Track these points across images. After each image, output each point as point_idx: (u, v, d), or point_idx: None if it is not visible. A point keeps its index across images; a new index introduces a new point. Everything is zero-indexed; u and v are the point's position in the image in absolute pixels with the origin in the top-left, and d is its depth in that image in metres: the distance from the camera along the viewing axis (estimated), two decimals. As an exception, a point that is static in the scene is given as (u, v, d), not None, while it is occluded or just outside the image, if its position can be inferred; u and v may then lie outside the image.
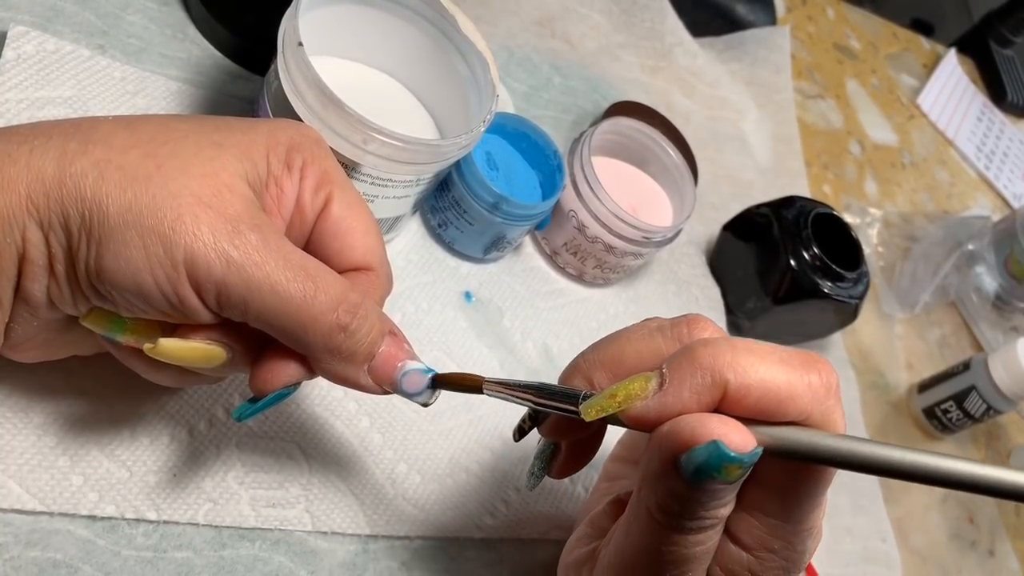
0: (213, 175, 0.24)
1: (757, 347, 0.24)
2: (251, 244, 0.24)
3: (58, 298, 0.24)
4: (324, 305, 0.25)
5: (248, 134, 0.26)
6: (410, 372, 0.28)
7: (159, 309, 0.24)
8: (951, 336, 0.77)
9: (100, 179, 0.23)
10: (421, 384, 0.28)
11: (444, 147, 0.36)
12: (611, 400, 0.24)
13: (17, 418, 0.30)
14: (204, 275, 0.23)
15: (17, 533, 0.29)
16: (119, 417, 0.32)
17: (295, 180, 0.28)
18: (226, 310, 0.25)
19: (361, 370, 0.27)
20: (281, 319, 0.25)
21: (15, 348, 0.27)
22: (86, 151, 0.23)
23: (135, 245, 0.23)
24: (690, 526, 0.24)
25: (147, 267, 0.23)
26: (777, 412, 0.23)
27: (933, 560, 0.60)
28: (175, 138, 0.25)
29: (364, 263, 0.29)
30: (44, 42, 0.37)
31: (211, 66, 0.43)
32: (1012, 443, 0.74)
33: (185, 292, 0.24)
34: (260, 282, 0.24)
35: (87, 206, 0.23)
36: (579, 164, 0.47)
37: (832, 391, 0.24)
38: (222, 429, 0.34)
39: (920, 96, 0.97)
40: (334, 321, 0.25)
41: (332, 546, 0.35)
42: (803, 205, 0.55)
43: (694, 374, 0.23)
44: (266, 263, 0.24)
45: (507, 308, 0.47)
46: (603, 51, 0.65)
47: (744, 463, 0.22)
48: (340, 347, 0.26)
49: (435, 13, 0.40)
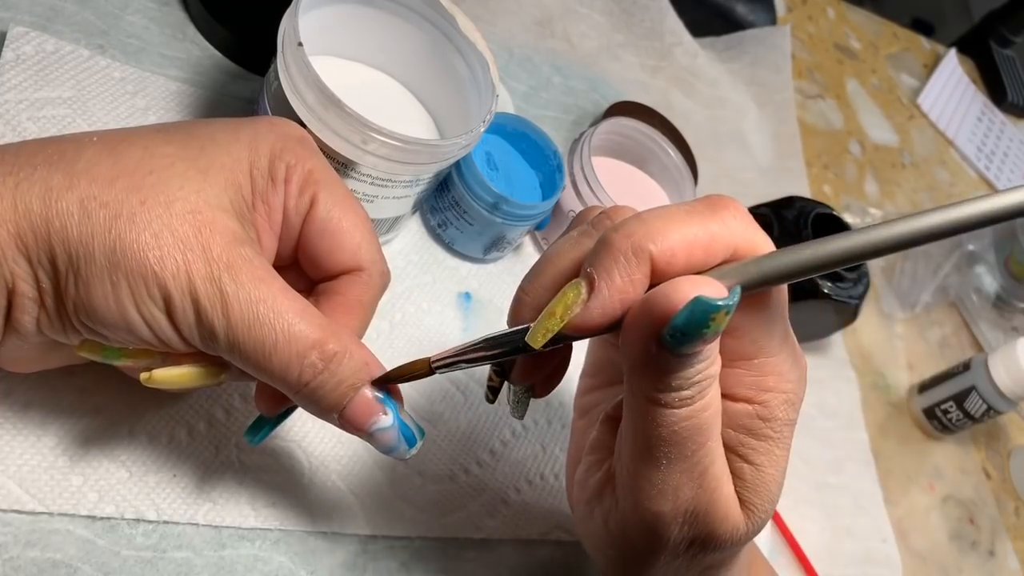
0: (196, 212, 0.25)
1: (663, 211, 0.24)
2: (228, 289, 0.24)
3: (49, 329, 0.25)
4: (293, 351, 0.25)
5: (232, 153, 0.26)
6: (380, 431, 0.28)
7: (148, 343, 0.25)
8: (951, 336, 0.77)
9: (86, 218, 0.23)
10: (392, 441, 0.28)
11: (444, 147, 0.36)
12: (552, 319, 0.24)
13: (16, 418, 0.30)
14: (181, 317, 0.24)
15: (16, 533, 0.29)
16: (119, 417, 0.32)
17: (280, 192, 0.28)
18: (208, 347, 0.25)
19: (330, 416, 0.27)
20: (254, 359, 0.25)
21: (9, 363, 0.27)
22: (71, 185, 0.23)
23: (121, 286, 0.23)
24: (690, 396, 0.24)
25: (133, 305, 0.24)
26: (708, 260, 0.23)
27: (933, 561, 0.60)
28: (160, 167, 0.25)
29: (355, 263, 0.29)
30: (44, 42, 0.37)
31: (211, 66, 0.43)
32: (1012, 443, 0.74)
33: (170, 332, 0.25)
34: (235, 325, 0.25)
35: (73, 246, 0.23)
36: (579, 164, 0.47)
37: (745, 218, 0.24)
38: (221, 429, 0.34)
39: (920, 96, 0.97)
40: (302, 367, 0.26)
41: (332, 546, 0.35)
42: (803, 205, 0.55)
43: (617, 260, 0.23)
44: (239, 308, 0.25)
45: (507, 308, 0.46)
46: (603, 51, 0.65)
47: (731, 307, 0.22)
48: (307, 394, 0.26)
49: (435, 13, 0.40)
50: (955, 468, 0.67)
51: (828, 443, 0.59)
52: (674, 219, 0.23)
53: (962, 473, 0.67)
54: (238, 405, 0.35)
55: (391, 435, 0.28)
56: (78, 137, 0.25)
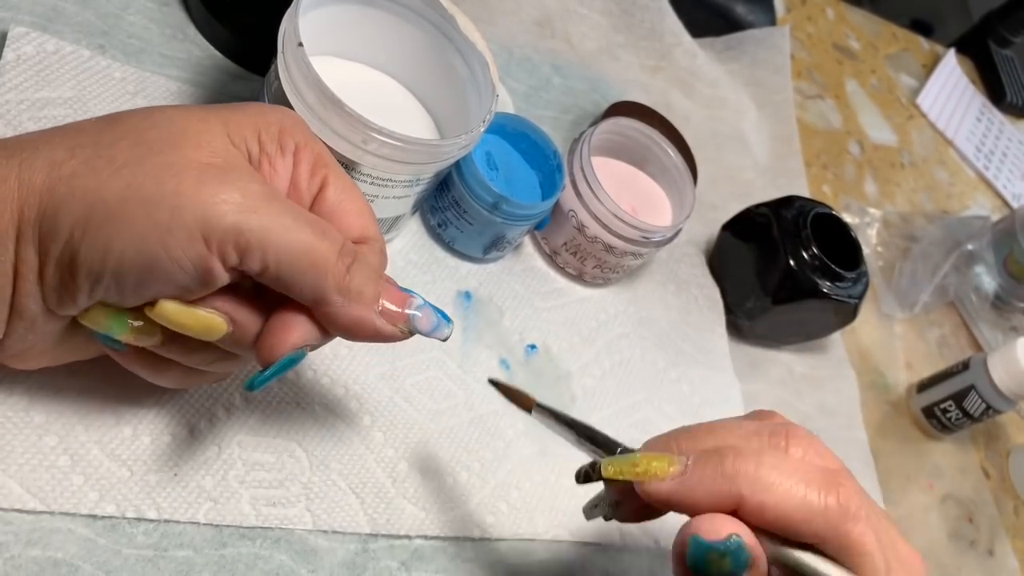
0: (207, 143, 0.25)
1: (784, 464, 0.25)
2: (258, 192, 0.24)
3: (56, 304, 0.24)
4: (333, 244, 0.26)
5: (235, 112, 0.27)
6: (423, 307, 0.28)
7: (169, 283, 0.24)
8: (950, 336, 0.77)
9: (91, 172, 0.23)
10: (433, 317, 0.29)
11: (444, 147, 0.36)
12: (631, 467, 0.26)
13: (18, 417, 0.30)
14: (219, 226, 0.23)
15: (18, 532, 0.29)
16: (120, 416, 0.32)
17: (288, 162, 0.28)
18: (247, 258, 0.24)
19: (374, 310, 0.27)
20: (298, 258, 0.25)
21: (13, 358, 0.27)
22: (73, 154, 0.23)
23: (139, 218, 0.23)
24: None
25: (156, 238, 0.23)
26: (792, 532, 0.24)
27: (933, 560, 0.60)
28: (160, 121, 0.25)
29: (361, 239, 0.29)
30: (44, 43, 0.37)
31: (211, 66, 0.43)
32: (1011, 443, 0.74)
33: (200, 251, 0.24)
34: (274, 225, 0.24)
35: (79, 200, 0.23)
36: (579, 164, 0.47)
37: (850, 514, 0.24)
38: (223, 428, 0.34)
39: (919, 96, 0.97)
40: (342, 260, 0.26)
41: (333, 545, 0.35)
42: (802, 205, 0.55)
43: (714, 478, 0.24)
44: (275, 207, 0.25)
45: (507, 308, 0.47)
46: (603, 51, 0.65)
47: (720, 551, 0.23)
48: (350, 286, 0.26)
49: (435, 13, 0.41)
50: (954, 467, 0.67)
51: (827, 442, 0.58)
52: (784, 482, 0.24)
53: (961, 472, 0.67)
54: (239, 403, 0.35)
55: (430, 312, 0.29)
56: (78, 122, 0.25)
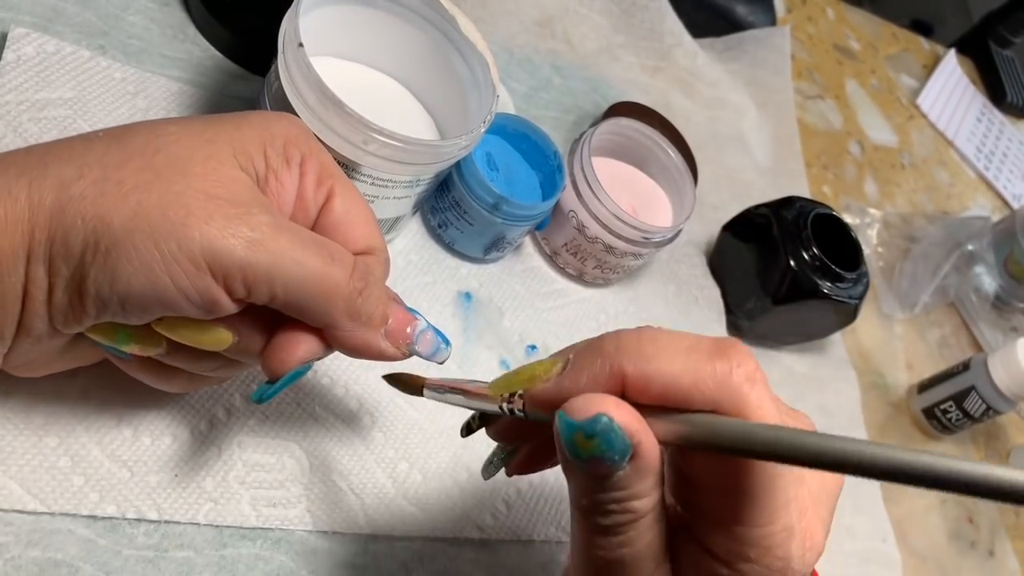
0: (213, 170, 0.25)
1: (664, 336, 0.23)
2: (265, 223, 0.24)
3: (63, 324, 0.24)
4: (344, 269, 0.26)
5: (240, 129, 0.26)
6: (425, 330, 0.29)
7: (175, 311, 0.24)
8: (951, 336, 0.77)
9: (100, 195, 0.23)
10: (434, 340, 0.30)
11: (444, 148, 0.36)
12: (515, 377, 0.25)
13: (19, 419, 0.30)
14: (227, 260, 0.23)
15: (18, 533, 0.29)
16: (120, 418, 0.32)
17: (294, 174, 0.28)
18: (254, 292, 0.25)
19: (379, 333, 0.28)
20: (308, 289, 0.25)
21: (16, 369, 0.27)
22: (82, 175, 0.23)
23: (146, 248, 0.23)
24: (603, 522, 0.23)
25: (162, 267, 0.23)
26: (684, 402, 0.22)
27: (933, 560, 0.60)
28: (166, 144, 0.25)
29: (366, 250, 0.29)
30: (44, 43, 0.37)
31: (212, 67, 0.43)
32: (1011, 443, 0.74)
33: (207, 284, 0.24)
34: (283, 256, 0.24)
35: (89, 223, 0.23)
36: (579, 164, 0.47)
37: (745, 377, 0.22)
38: (223, 429, 0.34)
39: (920, 97, 0.97)
40: (352, 286, 0.26)
41: (333, 546, 0.35)
42: (803, 205, 0.55)
43: (594, 362, 0.23)
44: (283, 239, 0.25)
45: (507, 308, 0.47)
46: (603, 51, 0.65)
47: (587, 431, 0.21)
48: (360, 311, 0.27)
49: (435, 14, 0.41)
50: (954, 468, 0.67)
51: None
52: (666, 350, 0.22)
53: (961, 473, 0.67)
54: (239, 404, 0.35)
55: (431, 335, 0.29)
56: (85, 135, 0.25)
